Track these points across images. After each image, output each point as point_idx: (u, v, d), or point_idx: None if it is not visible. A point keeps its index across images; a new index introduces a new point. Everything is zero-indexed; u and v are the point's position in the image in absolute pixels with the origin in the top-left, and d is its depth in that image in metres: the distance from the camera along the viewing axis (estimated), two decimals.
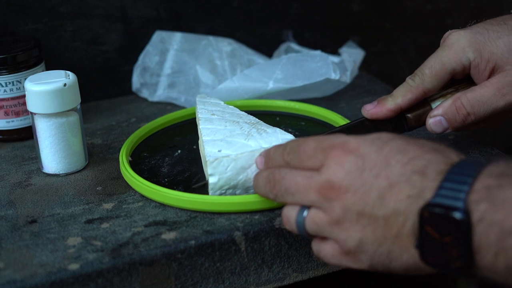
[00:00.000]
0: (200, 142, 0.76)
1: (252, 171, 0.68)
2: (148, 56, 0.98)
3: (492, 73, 0.70)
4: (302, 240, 0.67)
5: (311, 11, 1.09)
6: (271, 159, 0.63)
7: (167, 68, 0.98)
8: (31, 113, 0.76)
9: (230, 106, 0.79)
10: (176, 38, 0.99)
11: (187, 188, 0.72)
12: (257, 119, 0.75)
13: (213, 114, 0.77)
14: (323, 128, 0.84)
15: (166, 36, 0.99)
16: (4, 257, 0.63)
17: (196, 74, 0.97)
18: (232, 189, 0.69)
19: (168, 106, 0.96)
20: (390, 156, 0.54)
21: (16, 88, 0.85)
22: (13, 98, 0.85)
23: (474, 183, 0.50)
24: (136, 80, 0.99)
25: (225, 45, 0.99)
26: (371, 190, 0.54)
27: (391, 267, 0.55)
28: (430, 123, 0.71)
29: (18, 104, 0.86)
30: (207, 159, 0.68)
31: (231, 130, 0.72)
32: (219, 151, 0.69)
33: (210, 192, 0.68)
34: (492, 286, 0.54)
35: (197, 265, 0.64)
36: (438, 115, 0.70)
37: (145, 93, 0.98)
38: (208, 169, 0.68)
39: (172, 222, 0.67)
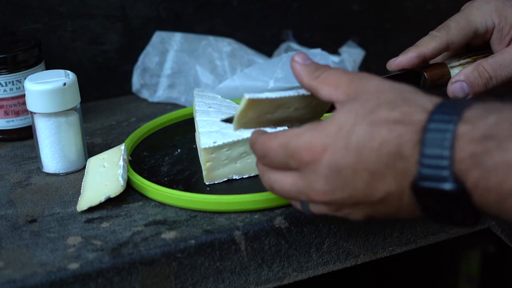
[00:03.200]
0: (196, 134, 0.77)
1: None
2: (148, 57, 0.98)
3: None
4: (302, 239, 0.67)
5: (311, 11, 1.09)
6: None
7: (167, 68, 0.98)
8: (31, 112, 0.76)
9: (227, 100, 0.81)
10: (176, 39, 0.99)
11: (187, 187, 0.72)
12: None
13: (210, 107, 0.78)
14: None
15: (166, 36, 0.99)
16: (4, 256, 0.63)
17: (196, 74, 0.97)
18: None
19: (168, 106, 0.96)
20: (360, 147, 0.52)
21: (16, 88, 0.85)
22: (13, 98, 0.85)
23: (455, 150, 0.49)
24: (136, 81, 0.99)
25: (225, 45, 0.99)
26: (357, 185, 0.53)
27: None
28: (452, 89, 0.71)
29: (18, 104, 0.86)
30: (202, 147, 0.71)
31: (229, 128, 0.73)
32: (214, 142, 0.71)
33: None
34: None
35: (197, 265, 0.64)
36: (460, 80, 0.71)
37: (145, 94, 0.98)
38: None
39: (172, 221, 0.67)
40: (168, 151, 0.80)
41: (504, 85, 0.71)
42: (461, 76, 0.71)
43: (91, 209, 0.69)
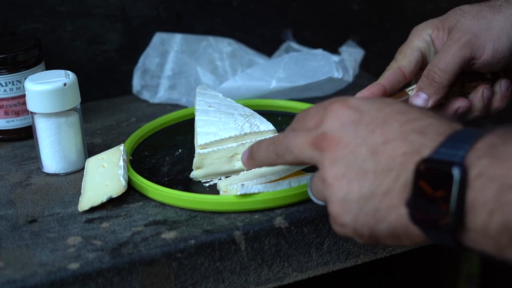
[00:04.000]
0: (195, 132, 0.78)
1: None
2: (149, 58, 0.98)
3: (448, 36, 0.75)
4: (302, 239, 0.67)
5: (311, 10, 1.09)
6: (255, 152, 0.63)
7: (168, 70, 0.98)
8: (31, 112, 0.76)
9: (228, 99, 0.81)
10: (176, 40, 0.99)
11: (187, 187, 0.72)
12: (251, 111, 0.77)
13: (210, 106, 0.79)
14: None
15: (166, 38, 0.99)
16: (4, 256, 0.63)
17: (197, 75, 0.97)
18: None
19: (168, 106, 0.96)
20: (390, 115, 0.54)
21: (16, 88, 0.85)
22: (13, 98, 0.85)
23: (476, 142, 0.49)
24: (136, 83, 0.99)
25: (225, 46, 0.99)
26: (364, 144, 0.53)
27: (377, 230, 0.53)
28: (412, 100, 0.74)
29: (18, 104, 0.86)
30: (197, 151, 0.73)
31: (225, 123, 0.74)
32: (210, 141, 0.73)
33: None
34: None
35: (197, 265, 0.64)
36: (414, 92, 0.74)
37: (146, 95, 0.98)
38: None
39: (172, 221, 0.67)
40: (169, 151, 0.80)
41: (455, 76, 0.72)
42: (415, 88, 0.74)
43: (91, 209, 0.69)
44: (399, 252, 0.72)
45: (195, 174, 0.74)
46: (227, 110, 0.78)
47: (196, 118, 0.77)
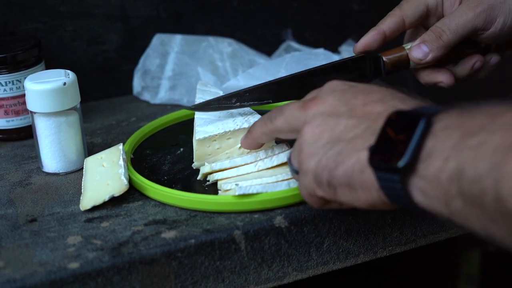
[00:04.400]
0: (194, 130, 0.77)
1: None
2: (149, 59, 0.99)
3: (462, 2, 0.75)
4: (302, 239, 0.67)
5: (311, 10, 1.09)
6: (252, 128, 0.68)
7: (168, 70, 0.98)
8: (31, 112, 0.76)
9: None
10: (176, 41, 0.99)
11: (186, 186, 0.72)
12: (251, 110, 0.77)
13: None
14: None
15: (166, 38, 0.99)
16: (4, 256, 0.63)
17: (198, 75, 0.97)
18: None
19: (168, 106, 0.96)
20: (376, 90, 0.58)
21: (16, 88, 0.85)
22: (13, 97, 0.85)
23: (450, 109, 0.50)
24: (137, 84, 0.99)
25: (226, 46, 0.99)
26: (344, 105, 0.57)
27: (335, 175, 0.55)
28: (413, 53, 0.75)
29: (18, 103, 0.86)
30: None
31: (224, 123, 0.74)
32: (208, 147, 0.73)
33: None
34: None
35: (197, 264, 0.64)
36: (417, 44, 0.74)
37: (146, 96, 0.99)
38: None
39: (172, 221, 0.67)
40: (170, 150, 0.81)
41: (461, 39, 0.74)
42: (418, 40, 0.75)
43: (91, 209, 0.69)
44: (399, 251, 0.72)
45: (196, 164, 0.75)
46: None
47: (195, 117, 0.77)
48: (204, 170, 0.72)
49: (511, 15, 0.72)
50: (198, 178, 0.73)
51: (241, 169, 0.71)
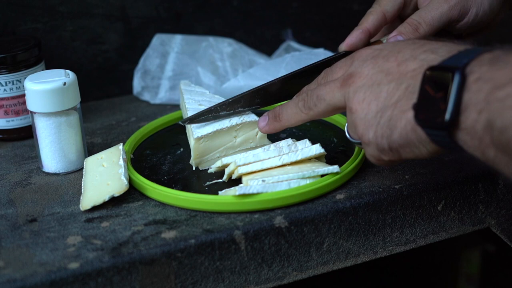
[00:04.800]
0: (188, 129, 0.78)
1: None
2: (149, 60, 0.99)
3: None
4: (302, 239, 0.67)
5: (311, 10, 1.09)
6: (281, 112, 0.71)
7: (168, 70, 0.98)
8: (31, 112, 0.76)
9: (216, 96, 0.81)
10: (176, 41, 0.99)
11: (185, 186, 0.72)
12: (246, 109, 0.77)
13: (200, 105, 0.78)
14: (327, 128, 0.84)
15: (166, 38, 0.99)
16: (4, 256, 0.63)
17: (198, 75, 0.97)
18: None
19: (167, 106, 0.96)
20: (404, 46, 0.61)
21: (16, 88, 0.85)
22: (13, 98, 0.85)
23: (481, 54, 0.52)
24: (137, 84, 0.99)
25: (226, 46, 0.99)
26: (380, 72, 0.60)
27: (393, 140, 0.58)
28: (388, 40, 0.76)
29: (18, 104, 0.86)
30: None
31: (221, 124, 0.75)
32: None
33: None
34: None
35: (197, 264, 0.64)
36: (394, 35, 0.75)
37: (146, 96, 0.99)
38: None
39: (172, 221, 0.67)
40: (170, 150, 0.81)
41: (437, 30, 0.75)
42: (394, 32, 0.76)
43: (91, 209, 0.69)
44: (399, 251, 0.73)
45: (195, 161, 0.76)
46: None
47: (189, 112, 0.77)
48: (229, 169, 0.72)
49: (483, 5, 0.74)
50: (223, 179, 0.73)
51: (265, 163, 0.71)
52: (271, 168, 0.70)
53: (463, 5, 0.74)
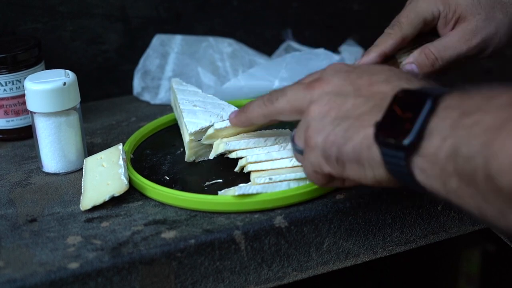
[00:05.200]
0: (183, 127, 0.78)
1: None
2: (149, 60, 0.98)
3: (456, 23, 0.76)
4: (302, 239, 0.67)
5: (311, 10, 1.09)
6: (247, 106, 0.68)
7: (169, 71, 0.98)
8: (31, 112, 0.76)
9: (209, 95, 0.81)
10: (176, 41, 0.99)
11: (185, 186, 0.72)
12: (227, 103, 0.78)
13: (195, 106, 0.78)
14: None
15: (166, 39, 0.99)
16: (4, 256, 0.63)
17: (198, 76, 0.97)
18: None
19: (167, 106, 0.96)
20: (380, 70, 0.60)
21: (16, 88, 0.85)
22: (13, 97, 0.85)
23: (454, 91, 0.52)
24: (137, 84, 0.99)
25: (226, 46, 0.99)
26: (350, 85, 0.59)
27: (344, 151, 0.56)
28: (404, 68, 0.76)
29: (18, 104, 0.86)
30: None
31: (212, 114, 0.75)
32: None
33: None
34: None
35: (196, 264, 0.64)
36: (410, 62, 0.76)
37: (146, 97, 0.99)
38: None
39: (171, 221, 0.67)
40: (170, 150, 0.81)
41: (450, 65, 0.76)
42: (411, 59, 0.76)
43: (91, 209, 0.69)
44: (399, 251, 0.72)
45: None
46: (213, 110, 0.77)
47: (184, 120, 0.76)
48: (241, 163, 0.71)
49: (501, 43, 0.75)
50: (236, 170, 0.72)
51: (276, 163, 0.70)
52: (281, 169, 0.70)
53: (482, 47, 0.75)
